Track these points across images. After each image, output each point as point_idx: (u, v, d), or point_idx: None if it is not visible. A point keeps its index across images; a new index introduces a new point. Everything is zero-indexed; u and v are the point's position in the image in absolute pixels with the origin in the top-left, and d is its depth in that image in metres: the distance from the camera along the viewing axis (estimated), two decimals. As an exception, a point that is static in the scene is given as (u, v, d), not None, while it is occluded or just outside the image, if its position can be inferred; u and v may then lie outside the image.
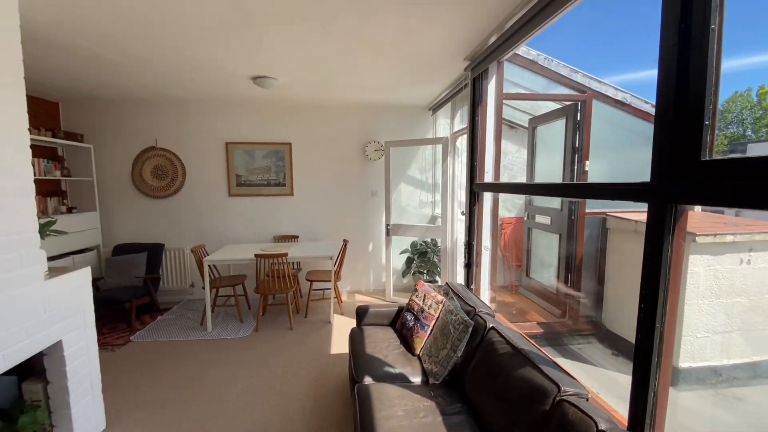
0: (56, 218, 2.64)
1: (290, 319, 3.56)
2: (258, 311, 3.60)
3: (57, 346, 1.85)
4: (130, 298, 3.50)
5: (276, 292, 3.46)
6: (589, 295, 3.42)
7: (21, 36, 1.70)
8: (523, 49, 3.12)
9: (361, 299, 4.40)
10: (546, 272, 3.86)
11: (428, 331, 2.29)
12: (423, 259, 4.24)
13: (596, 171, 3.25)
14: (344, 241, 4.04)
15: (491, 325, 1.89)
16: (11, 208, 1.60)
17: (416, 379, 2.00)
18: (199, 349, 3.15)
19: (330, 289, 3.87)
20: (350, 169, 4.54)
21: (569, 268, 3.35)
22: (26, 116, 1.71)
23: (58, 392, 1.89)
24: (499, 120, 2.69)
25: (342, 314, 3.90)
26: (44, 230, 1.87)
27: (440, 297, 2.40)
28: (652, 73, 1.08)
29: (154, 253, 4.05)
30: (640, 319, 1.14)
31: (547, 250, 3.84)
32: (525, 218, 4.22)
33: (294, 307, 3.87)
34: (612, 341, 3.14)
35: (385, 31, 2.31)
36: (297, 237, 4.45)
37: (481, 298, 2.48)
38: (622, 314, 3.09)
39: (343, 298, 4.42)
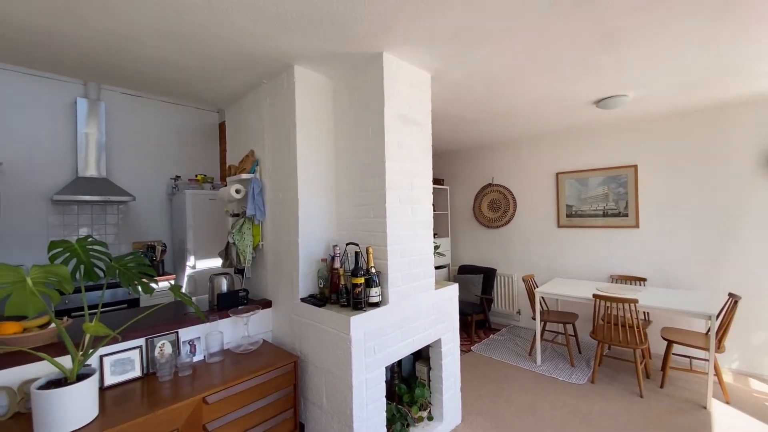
0: (439, 243, 3.58)
1: (640, 383, 2.84)
2: (594, 360, 3.15)
3: (437, 342, 2.42)
4: (471, 312, 4.13)
5: (618, 344, 2.90)
6: None
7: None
8: None
9: (764, 390, 2.84)
10: None
11: None
12: None
13: None
14: (730, 296, 2.80)
15: None
16: (423, 236, 2.30)
17: None
18: (529, 379, 3.16)
19: (706, 360, 2.78)
20: (739, 191, 3.16)
21: None
22: (431, 173, 2.42)
23: (435, 378, 2.46)
24: None
25: (727, 402, 2.67)
26: (435, 251, 2.54)
27: None
28: None
29: (488, 276, 4.61)
30: None
31: None
32: None
33: (643, 368, 3.08)
34: None
35: None
36: (644, 280, 3.59)
37: None
38: None
39: (727, 378, 3.04)
